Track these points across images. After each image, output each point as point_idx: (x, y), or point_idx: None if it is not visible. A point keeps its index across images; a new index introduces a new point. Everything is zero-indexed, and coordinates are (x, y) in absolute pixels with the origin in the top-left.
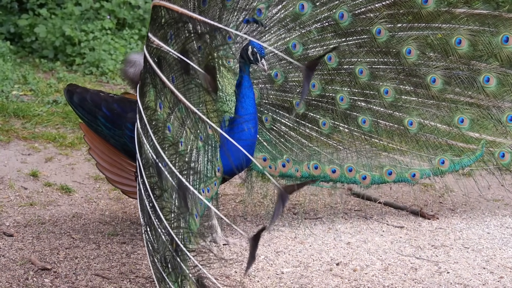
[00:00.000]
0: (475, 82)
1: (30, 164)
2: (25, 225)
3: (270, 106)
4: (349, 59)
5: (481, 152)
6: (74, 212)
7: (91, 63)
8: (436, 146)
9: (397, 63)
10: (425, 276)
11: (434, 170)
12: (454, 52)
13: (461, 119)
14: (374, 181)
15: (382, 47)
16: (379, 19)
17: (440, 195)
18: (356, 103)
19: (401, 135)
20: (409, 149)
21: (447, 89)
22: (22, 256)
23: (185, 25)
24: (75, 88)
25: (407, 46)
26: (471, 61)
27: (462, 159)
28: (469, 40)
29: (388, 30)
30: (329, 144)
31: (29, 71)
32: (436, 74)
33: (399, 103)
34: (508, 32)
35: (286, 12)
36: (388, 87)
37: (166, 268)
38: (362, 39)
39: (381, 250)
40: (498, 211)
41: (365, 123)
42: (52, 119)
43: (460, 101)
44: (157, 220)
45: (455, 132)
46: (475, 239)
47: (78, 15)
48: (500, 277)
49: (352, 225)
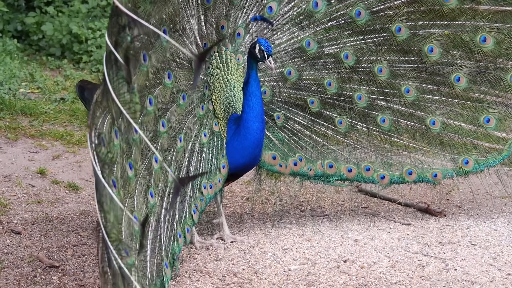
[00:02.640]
0: (502, 81)
1: (38, 162)
2: (32, 223)
3: (282, 104)
4: (368, 57)
5: (508, 152)
6: (81, 209)
7: (98, 61)
8: (460, 145)
9: (418, 62)
10: (433, 273)
11: (458, 171)
12: (479, 50)
13: (487, 119)
14: (393, 181)
15: (403, 45)
16: (398, 17)
17: (447, 192)
18: (375, 102)
19: (423, 134)
20: (431, 149)
21: (473, 88)
22: (30, 253)
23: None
24: (86, 84)
25: (429, 44)
26: (497, 59)
27: (487, 159)
28: (494, 37)
29: (409, 28)
30: (345, 143)
31: (36, 69)
32: (461, 72)
33: (421, 102)
34: None
35: (299, 10)
36: (410, 86)
37: None
38: (381, 37)
39: (388, 247)
40: (506, 208)
41: (385, 122)
42: (59, 117)
43: (486, 100)
44: None
45: (481, 131)
46: (483, 236)
47: (85, 12)
48: (507, 274)
49: (359, 222)
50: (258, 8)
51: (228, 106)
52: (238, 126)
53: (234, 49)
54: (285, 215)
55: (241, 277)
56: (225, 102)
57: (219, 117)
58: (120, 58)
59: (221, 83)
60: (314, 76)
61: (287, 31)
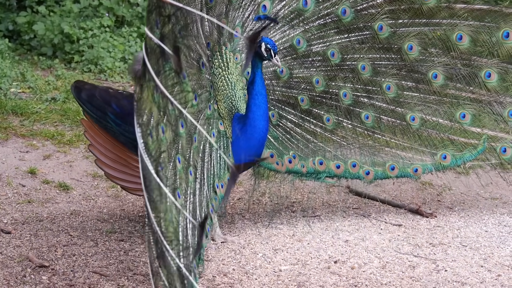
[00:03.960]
0: (477, 78)
1: (28, 162)
2: (23, 223)
3: (276, 102)
4: (352, 55)
5: (483, 147)
6: (72, 209)
7: (89, 61)
8: (438, 141)
9: (399, 59)
10: (423, 274)
11: (436, 165)
12: (455, 48)
13: (463, 114)
14: (377, 176)
15: (384, 43)
16: (380, 15)
17: (438, 193)
18: (359, 99)
19: (403, 130)
20: (411, 145)
21: (449, 85)
22: (20, 253)
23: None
24: (83, 85)
25: (408, 42)
26: (472, 57)
27: (464, 154)
28: (470, 35)
29: (390, 26)
30: (333, 140)
31: (28, 69)
32: (438, 69)
33: (401, 99)
34: (509, 28)
35: (290, 8)
36: (390, 83)
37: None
38: (364, 35)
39: (379, 248)
40: (496, 209)
41: (368, 119)
42: (51, 117)
43: (462, 97)
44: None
45: (457, 127)
46: (473, 237)
47: (76, 12)
48: (497, 275)
49: (350, 223)
50: (253, 7)
51: (231, 105)
52: (244, 125)
53: (232, 48)
54: (276, 216)
55: (232, 277)
56: (228, 101)
57: (224, 117)
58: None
59: (223, 82)
60: (303, 74)
61: (279, 29)
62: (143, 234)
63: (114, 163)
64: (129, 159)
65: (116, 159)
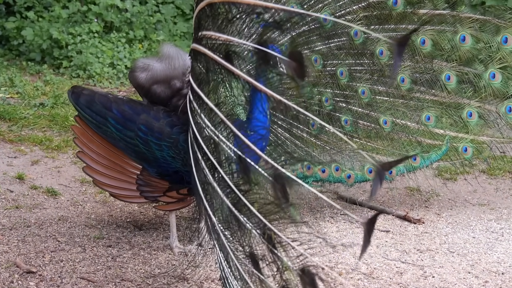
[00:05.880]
0: (438, 81)
1: (16, 167)
2: (10, 228)
3: None
4: (331, 61)
5: (446, 147)
6: (60, 215)
7: (78, 66)
8: (407, 143)
9: (371, 64)
10: (411, 280)
11: (407, 167)
12: (419, 52)
13: (428, 117)
14: (357, 179)
15: (359, 48)
16: (356, 21)
17: (426, 199)
18: (338, 104)
19: (377, 134)
20: (384, 147)
21: (414, 88)
22: (7, 259)
23: (259, 16)
24: (81, 90)
25: (379, 47)
26: (434, 60)
27: (430, 155)
28: (431, 39)
29: (363, 32)
30: (317, 144)
31: (16, 74)
32: (405, 74)
33: (374, 103)
34: (465, 31)
35: None
36: (365, 88)
37: (255, 263)
38: (342, 41)
39: (367, 254)
40: (484, 216)
41: (347, 123)
42: (39, 122)
43: (426, 100)
44: (245, 216)
45: (423, 129)
46: (461, 244)
47: (65, 18)
48: (485, 282)
49: (338, 229)
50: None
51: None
52: (247, 131)
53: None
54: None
55: (220, 283)
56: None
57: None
58: (283, 56)
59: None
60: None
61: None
62: None
63: (108, 170)
64: (126, 165)
65: (111, 166)
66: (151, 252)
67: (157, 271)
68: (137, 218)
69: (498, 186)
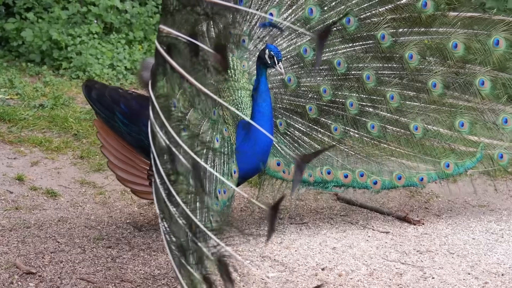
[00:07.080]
0: (472, 86)
1: (16, 168)
2: (10, 229)
3: (284, 111)
4: (357, 65)
5: (481, 154)
6: (59, 216)
7: (78, 67)
8: (440, 150)
9: (400, 68)
10: (410, 281)
11: (440, 174)
12: (451, 56)
13: (462, 123)
14: (384, 186)
15: (386, 52)
16: (383, 24)
17: (426, 201)
18: (365, 108)
19: (407, 140)
20: (415, 154)
21: (446, 94)
22: (7, 260)
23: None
24: (93, 84)
25: (409, 51)
26: (466, 65)
27: (465, 162)
28: (464, 43)
29: (391, 35)
30: (340, 149)
31: (16, 75)
32: (436, 78)
33: (404, 108)
34: (498, 35)
35: (296, 16)
36: (394, 93)
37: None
38: (367, 45)
39: (367, 255)
40: (484, 217)
41: (374, 129)
42: (38, 123)
43: (459, 105)
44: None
45: (456, 135)
46: (460, 245)
47: (65, 19)
48: (484, 283)
49: (337, 230)
50: (261, 15)
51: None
52: (248, 132)
53: (239, 56)
54: (264, 223)
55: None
56: (233, 107)
57: (229, 123)
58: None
59: (229, 88)
60: (310, 83)
61: (286, 37)
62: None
63: (124, 165)
64: (137, 160)
65: (126, 161)
66: (150, 253)
67: (157, 272)
68: (136, 219)
69: (498, 187)
